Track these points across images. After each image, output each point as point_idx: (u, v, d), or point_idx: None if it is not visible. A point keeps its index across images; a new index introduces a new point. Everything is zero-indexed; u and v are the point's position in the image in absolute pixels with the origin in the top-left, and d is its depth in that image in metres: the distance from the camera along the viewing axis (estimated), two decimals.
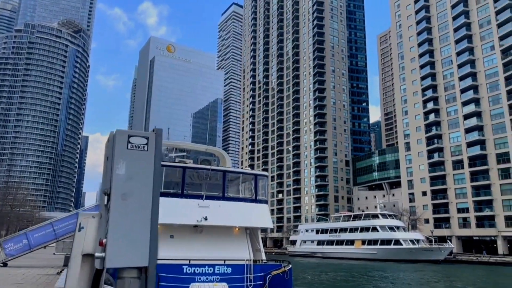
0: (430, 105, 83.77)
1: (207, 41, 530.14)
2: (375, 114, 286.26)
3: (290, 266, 13.33)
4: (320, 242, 78.04)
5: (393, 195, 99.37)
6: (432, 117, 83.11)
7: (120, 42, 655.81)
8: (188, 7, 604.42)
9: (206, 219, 12.86)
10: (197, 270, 11.95)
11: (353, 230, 71.14)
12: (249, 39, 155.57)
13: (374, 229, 66.44)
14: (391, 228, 65.28)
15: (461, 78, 78.94)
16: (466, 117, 76.98)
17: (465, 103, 77.62)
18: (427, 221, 79.10)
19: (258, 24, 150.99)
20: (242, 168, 24.38)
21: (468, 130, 76.23)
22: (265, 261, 14.40)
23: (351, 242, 70.21)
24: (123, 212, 3.07)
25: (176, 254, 12.54)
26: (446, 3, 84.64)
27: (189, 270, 11.87)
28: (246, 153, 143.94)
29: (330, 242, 75.11)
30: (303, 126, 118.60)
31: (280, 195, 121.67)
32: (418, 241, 62.30)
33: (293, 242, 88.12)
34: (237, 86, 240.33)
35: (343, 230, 73.45)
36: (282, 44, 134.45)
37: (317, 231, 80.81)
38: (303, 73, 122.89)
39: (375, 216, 69.94)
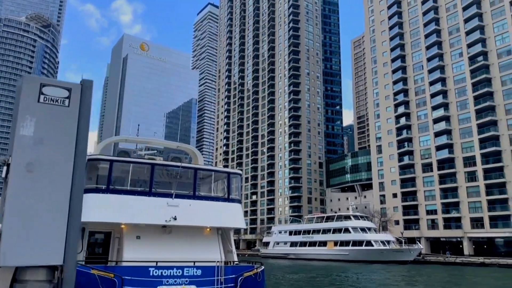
0: (401, 109, 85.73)
1: (182, 40, 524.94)
2: (348, 117, 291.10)
3: (263, 267, 12.93)
4: (293, 244, 78.16)
5: (365, 197, 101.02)
6: (403, 120, 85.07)
7: (92, 39, 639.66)
8: (163, 6, 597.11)
9: (175, 219, 12.29)
10: (165, 272, 11.35)
11: (325, 231, 71.62)
12: (225, 39, 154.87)
13: (346, 230, 67.10)
14: (363, 230, 66.13)
15: (431, 83, 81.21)
16: (436, 121, 79.16)
17: (434, 108, 79.85)
18: (397, 222, 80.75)
19: (234, 25, 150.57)
20: None
21: (437, 134, 78.41)
22: (237, 262, 13.94)
23: (323, 244, 70.67)
24: (27, 189, 2.20)
25: (142, 255, 11.94)
26: (417, 10, 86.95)
27: (156, 272, 11.25)
28: (221, 154, 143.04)
29: (303, 244, 75.36)
30: (278, 128, 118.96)
31: (254, 197, 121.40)
32: (388, 242, 63.34)
33: (266, 244, 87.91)
34: (212, 87, 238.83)
35: (316, 231, 73.87)
36: (258, 45, 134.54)
37: (290, 233, 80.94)
38: (278, 75, 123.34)
39: (347, 217, 70.67)
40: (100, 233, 13.11)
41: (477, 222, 69.63)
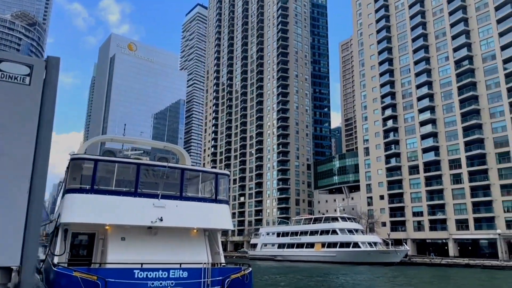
0: (389, 112, 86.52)
1: (170, 41, 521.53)
2: (336, 120, 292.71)
3: (250, 269, 12.76)
4: (281, 245, 78.09)
5: (352, 198, 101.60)
6: (390, 123, 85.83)
7: (79, 39, 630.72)
8: (152, 6, 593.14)
9: (161, 220, 12.04)
10: (150, 274, 11.08)
11: (313, 233, 71.75)
12: (213, 40, 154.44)
13: (334, 232, 67.34)
14: (350, 231, 66.43)
15: (418, 86, 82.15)
16: (422, 124, 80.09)
17: (421, 111, 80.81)
18: (384, 224, 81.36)
19: (223, 26, 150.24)
20: None
21: (423, 137, 79.32)
22: (224, 264, 13.75)
23: (311, 245, 70.75)
24: None
25: (127, 257, 11.65)
26: (405, 13, 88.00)
27: (141, 274, 10.98)
28: (209, 155, 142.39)
29: (291, 245, 75.35)
30: (266, 130, 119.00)
31: (242, 198, 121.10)
32: (375, 243, 63.75)
33: (254, 246, 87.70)
34: (201, 88, 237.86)
35: (304, 233, 73.94)
36: (246, 47, 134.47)
37: (278, 234, 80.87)
38: (267, 76, 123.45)
39: (335, 219, 70.93)
40: (84, 234, 12.79)
41: (462, 224, 70.58)
